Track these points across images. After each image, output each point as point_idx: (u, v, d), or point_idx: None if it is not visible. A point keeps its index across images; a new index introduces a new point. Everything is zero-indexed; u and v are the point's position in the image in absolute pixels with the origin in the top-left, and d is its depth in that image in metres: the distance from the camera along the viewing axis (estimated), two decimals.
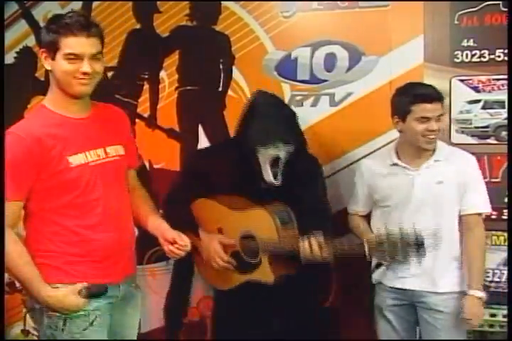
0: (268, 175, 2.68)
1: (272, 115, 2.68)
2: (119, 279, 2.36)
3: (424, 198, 2.61)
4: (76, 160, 2.24)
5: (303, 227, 2.62)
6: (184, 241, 2.35)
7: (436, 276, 2.63)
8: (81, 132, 2.28)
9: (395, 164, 2.67)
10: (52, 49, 2.18)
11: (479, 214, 2.67)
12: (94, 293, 2.24)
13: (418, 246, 2.33)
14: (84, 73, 2.18)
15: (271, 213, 2.64)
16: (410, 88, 2.63)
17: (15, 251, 2.18)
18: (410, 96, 2.57)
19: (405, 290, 2.67)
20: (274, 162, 2.67)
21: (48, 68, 2.24)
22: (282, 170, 2.69)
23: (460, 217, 2.65)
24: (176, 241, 2.35)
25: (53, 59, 2.20)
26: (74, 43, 2.15)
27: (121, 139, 2.43)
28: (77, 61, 2.17)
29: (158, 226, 2.44)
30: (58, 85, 2.25)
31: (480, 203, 2.66)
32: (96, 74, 2.23)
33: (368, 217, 2.84)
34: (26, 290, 2.24)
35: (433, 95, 2.56)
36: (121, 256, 2.36)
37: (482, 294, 2.58)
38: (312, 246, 2.50)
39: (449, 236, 2.62)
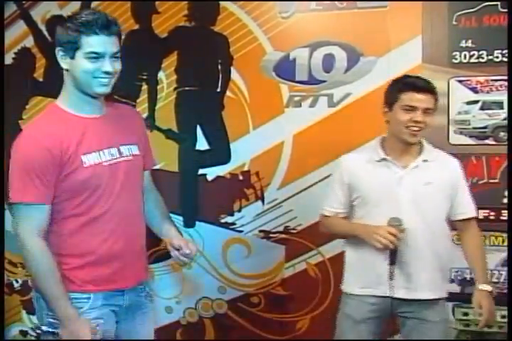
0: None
1: None
2: (127, 285, 2.27)
3: (410, 198, 2.49)
4: (90, 159, 2.16)
5: None
6: (190, 249, 2.29)
7: (423, 282, 2.48)
8: (95, 131, 2.19)
9: (382, 159, 2.51)
10: (72, 48, 2.09)
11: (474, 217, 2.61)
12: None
13: None
14: (106, 72, 2.11)
15: None
16: (403, 77, 2.57)
17: (45, 265, 2.11)
18: (400, 84, 2.50)
19: (385, 298, 2.48)
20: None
21: (65, 67, 2.14)
22: None
23: (452, 221, 2.57)
24: (182, 248, 2.29)
25: (72, 58, 2.11)
26: (96, 42, 2.08)
27: (136, 139, 2.33)
28: (98, 60, 2.09)
29: (167, 231, 2.38)
30: (75, 84, 2.16)
31: (473, 207, 2.59)
32: (115, 73, 2.15)
33: None
34: (50, 305, 2.13)
35: (423, 85, 2.46)
36: (129, 262, 2.27)
37: (490, 288, 2.50)
38: None
39: (433, 238, 2.51)
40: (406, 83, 2.46)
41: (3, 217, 2.27)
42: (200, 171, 3.44)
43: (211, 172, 3.43)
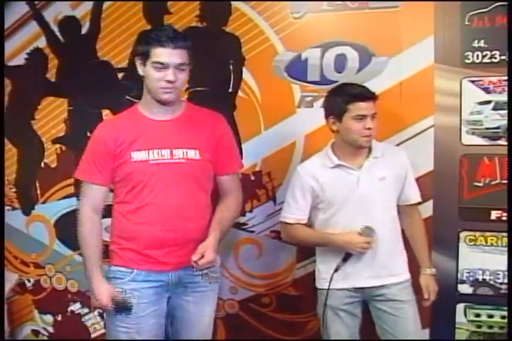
0: None
1: None
2: (169, 269, 2.55)
3: (369, 196, 2.67)
4: (138, 156, 2.51)
5: None
6: (195, 256, 2.43)
7: (390, 267, 2.71)
8: (154, 133, 2.54)
9: (337, 165, 2.71)
10: (144, 57, 2.46)
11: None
12: (118, 306, 2.51)
13: None
14: (168, 81, 2.43)
15: None
16: (345, 88, 2.73)
17: (88, 231, 2.55)
18: (346, 96, 2.66)
19: (364, 288, 2.71)
20: None
21: (141, 74, 2.52)
22: None
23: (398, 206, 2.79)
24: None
25: (145, 66, 2.47)
26: (161, 53, 2.42)
27: (198, 144, 2.57)
28: (163, 70, 2.43)
29: (208, 236, 2.53)
30: (147, 90, 2.53)
31: (418, 192, 2.83)
32: (179, 83, 2.48)
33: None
34: (84, 265, 2.59)
35: (368, 94, 2.66)
36: (174, 250, 2.54)
37: (433, 271, 2.79)
38: None
39: (393, 227, 2.74)
40: (352, 94, 2.65)
41: (3, 217, 2.42)
42: None
43: None
